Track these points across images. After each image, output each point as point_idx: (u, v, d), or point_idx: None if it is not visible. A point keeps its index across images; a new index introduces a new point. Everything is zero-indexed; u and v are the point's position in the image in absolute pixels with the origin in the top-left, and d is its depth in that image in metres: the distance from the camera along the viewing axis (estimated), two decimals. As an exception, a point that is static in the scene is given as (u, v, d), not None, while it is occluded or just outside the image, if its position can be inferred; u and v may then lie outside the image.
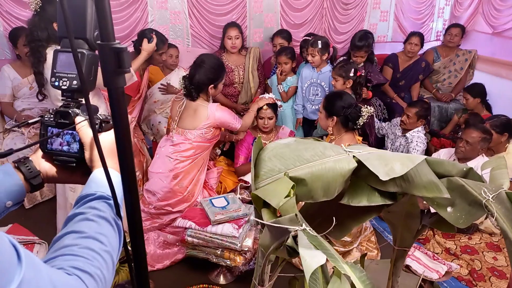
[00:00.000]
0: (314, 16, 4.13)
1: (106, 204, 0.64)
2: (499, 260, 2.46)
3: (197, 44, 3.80)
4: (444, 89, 4.21)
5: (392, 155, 0.96)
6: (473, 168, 0.98)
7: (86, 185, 0.69)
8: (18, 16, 3.02)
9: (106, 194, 0.65)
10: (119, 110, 0.54)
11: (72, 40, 0.50)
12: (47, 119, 0.74)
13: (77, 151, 0.73)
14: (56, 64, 0.71)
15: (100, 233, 0.58)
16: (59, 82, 0.71)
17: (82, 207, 0.63)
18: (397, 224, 1.22)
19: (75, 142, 0.73)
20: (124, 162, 0.59)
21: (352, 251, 2.54)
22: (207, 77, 2.40)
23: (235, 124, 2.54)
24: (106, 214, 0.62)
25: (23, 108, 3.01)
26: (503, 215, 0.86)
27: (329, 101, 2.52)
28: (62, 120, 0.73)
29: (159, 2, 3.51)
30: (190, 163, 2.50)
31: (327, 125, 2.52)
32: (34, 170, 0.72)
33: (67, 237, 0.56)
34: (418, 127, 3.22)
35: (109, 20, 0.48)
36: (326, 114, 2.51)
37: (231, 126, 2.56)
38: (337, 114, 2.46)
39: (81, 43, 0.69)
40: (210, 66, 2.41)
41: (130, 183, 0.60)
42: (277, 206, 0.82)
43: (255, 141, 1.00)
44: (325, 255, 0.68)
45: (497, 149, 2.95)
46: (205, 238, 2.21)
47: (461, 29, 4.12)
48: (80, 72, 0.53)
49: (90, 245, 0.56)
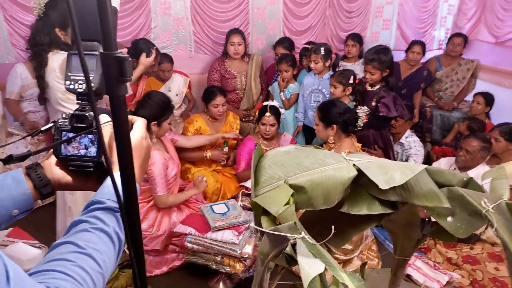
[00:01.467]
0: (316, 23, 4.15)
1: (113, 217, 0.63)
2: (501, 270, 2.44)
3: (200, 50, 3.83)
4: (446, 98, 4.22)
5: (392, 164, 0.96)
6: (473, 178, 0.97)
7: (100, 188, 0.67)
8: (22, 21, 3.05)
9: (115, 206, 0.63)
10: (120, 118, 0.55)
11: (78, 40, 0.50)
12: (61, 124, 0.71)
13: (95, 155, 0.70)
14: (70, 67, 0.69)
15: (98, 251, 0.57)
16: (75, 85, 0.68)
17: (88, 214, 0.62)
18: (397, 233, 1.22)
19: (93, 146, 0.71)
20: (124, 169, 0.59)
21: (353, 259, 2.52)
22: (151, 113, 2.32)
23: (157, 188, 2.33)
24: (110, 229, 0.61)
25: (29, 110, 3.03)
26: (503, 225, 0.85)
27: (324, 112, 2.51)
28: (78, 124, 0.70)
29: (162, 8, 3.54)
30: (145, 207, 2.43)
31: (328, 135, 2.52)
32: (45, 179, 0.70)
33: (65, 247, 0.56)
34: (407, 129, 3.24)
35: (111, 28, 0.49)
36: (324, 125, 2.51)
37: (153, 184, 2.34)
38: (336, 122, 2.47)
39: (96, 45, 0.67)
40: (156, 102, 2.35)
41: (130, 189, 0.61)
42: (276, 213, 0.82)
43: (256, 148, 1.01)
44: (324, 264, 0.68)
45: (504, 156, 2.92)
46: (205, 244, 2.20)
47: (464, 38, 4.13)
48: (86, 74, 0.52)
49: (84, 264, 0.55)
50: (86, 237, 0.58)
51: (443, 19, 4.78)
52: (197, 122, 3.04)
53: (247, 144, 3.12)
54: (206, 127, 3.07)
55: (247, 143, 3.13)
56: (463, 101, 4.24)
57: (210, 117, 3.08)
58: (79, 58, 0.51)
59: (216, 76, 3.55)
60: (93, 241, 0.58)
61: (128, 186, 0.59)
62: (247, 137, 3.23)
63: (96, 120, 0.57)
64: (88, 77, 0.52)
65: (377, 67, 2.85)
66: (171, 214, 2.46)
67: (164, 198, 2.37)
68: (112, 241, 0.61)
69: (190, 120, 3.08)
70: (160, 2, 3.51)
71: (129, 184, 0.59)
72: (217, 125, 3.15)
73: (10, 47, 3.11)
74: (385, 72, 2.87)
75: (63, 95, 2.16)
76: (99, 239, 0.59)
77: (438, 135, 4.03)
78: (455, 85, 4.17)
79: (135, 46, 2.91)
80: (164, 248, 2.44)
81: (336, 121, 2.47)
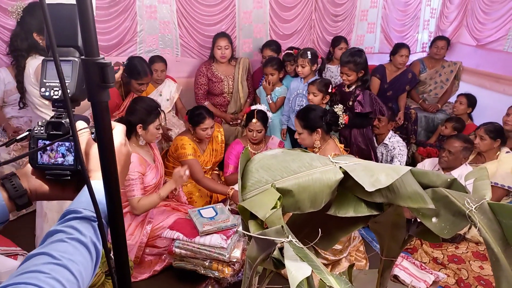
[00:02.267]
0: (303, 27, 4.18)
1: (90, 226, 0.61)
2: (486, 269, 2.49)
3: (187, 54, 3.81)
4: (430, 99, 4.30)
5: (377, 166, 0.97)
6: (457, 179, 0.99)
7: (77, 197, 0.65)
8: (4, 25, 2.99)
9: (93, 216, 0.61)
10: (102, 124, 0.54)
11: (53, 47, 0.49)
12: (37, 132, 0.69)
13: (73, 163, 0.68)
14: (45, 73, 0.67)
15: (74, 262, 0.55)
16: (50, 91, 0.67)
17: (64, 224, 0.60)
18: (384, 234, 1.23)
19: (70, 154, 0.68)
20: (108, 174, 0.58)
21: (342, 261, 2.54)
22: (137, 117, 2.35)
23: (133, 189, 2.29)
24: (87, 239, 0.59)
25: (12, 116, 2.97)
26: (486, 225, 0.87)
27: (305, 119, 2.55)
28: (55, 132, 0.68)
29: (148, 12, 3.52)
30: None
31: (314, 140, 2.56)
32: (20, 189, 0.67)
33: (39, 258, 0.54)
34: (390, 129, 3.34)
35: (93, 34, 0.48)
36: (308, 132, 2.55)
37: (128, 186, 2.29)
38: (320, 126, 2.52)
39: (72, 51, 0.66)
40: (142, 106, 2.38)
41: (114, 195, 0.60)
42: (263, 217, 0.82)
43: (242, 152, 1.01)
44: (311, 267, 0.69)
45: (488, 155, 2.98)
46: (193, 249, 2.19)
47: (447, 41, 4.23)
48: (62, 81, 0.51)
49: (59, 275, 0.52)
50: (61, 248, 0.56)
51: (426, 22, 4.88)
52: (190, 145, 2.87)
53: (235, 148, 3.12)
54: (196, 147, 2.94)
55: (235, 147, 3.13)
56: (446, 103, 4.33)
57: (196, 138, 2.94)
58: (55, 65, 0.50)
59: (203, 80, 3.54)
60: (68, 251, 0.56)
61: (112, 193, 0.59)
62: (235, 141, 3.23)
63: (72, 127, 0.56)
64: (64, 83, 0.51)
65: (353, 69, 2.95)
66: (145, 225, 2.40)
67: (135, 202, 2.30)
68: (89, 252, 0.59)
69: (182, 145, 2.86)
70: (145, 5, 3.49)
71: (112, 191, 0.58)
72: (203, 145, 3.04)
73: (-7, 51, 3.05)
74: (360, 73, 2.98)
75: (39, 100, 2.16)
76: (75, 249, 0.57)
77: (423, 137, 4.10)
78: (439, 87, 4.26)
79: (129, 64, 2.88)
80: (139, 258, 2.39)
81: (320, 125, 2.52)
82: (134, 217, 2.40)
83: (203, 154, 3.04)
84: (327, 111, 2.61)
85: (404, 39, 4.67)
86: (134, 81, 2.86)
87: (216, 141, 3.14)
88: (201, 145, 3.03)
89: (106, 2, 3.29)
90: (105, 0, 3.28)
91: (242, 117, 3.65)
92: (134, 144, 2.39)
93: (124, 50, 3.53)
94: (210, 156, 3.09)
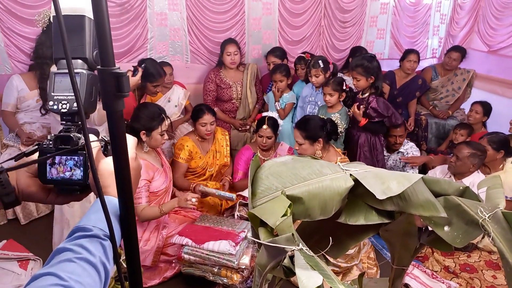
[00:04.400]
0: (312, 33, 4.19)
1: (99, 245, 0.59)
2: (499, 278, 2.44)
3: (196, 60, 3.84)
4: (441, 106, 4.25)
5: (388, 174, 0.97)
6: (469, 187, 0.98)
7: (86, 213, 0.64)
8: (19, 33, 3.05)
9: (103, 234, 0.60)
10: (117, 133, 0.55)
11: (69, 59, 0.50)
12: (46, 146, 0.68)
13: (81, 178, 0.67)
14: (53, 86, 0.67)
15: (81, 283, 0.53)
16: (58, 105, 0.66)
17: (73, 242, 0.58)
18: (395, 242, 1.22)
19: (78, 168, 0.67)
20: (122, 185, 0.59)
21: (353, 269, 2.52)
22: (141, 124, 2.37)
23: (138, 198, 2.29)
24: (96, 259, 0.57)
25: (25, 122, 3.02)
26: (500, 234, 0.86)
27: (307, 129, 2.56)
28: (63, 146, 0.66)
29: (159, 19, 3.56)
30: None
31: (315, 150, 2.58)
32: (8, 186, 0.65)
33: (46, 279, 0.52)
34: (404, 137, 3.33)
35: (109, 44, 0.49)
36: (309, 142, 2.56)
37: None
38: (320, 135, 2.55)
39: (80, 63, 0.66)
40: (145, 113, 2.39)
41: (128, 205, 0.60)
42: (273, 225, 0.82)
43: (253, 159, 1.01)
44: (322, 276, 0.68)
45: (493, 165, 2.93)
46: (201, 255, 2.19)
47: (461, 54, 4.12)
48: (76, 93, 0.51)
49: None
50: (69, 268, 0.54)
51: (436, 28, 4.85)
52: (187, 146, 2.92)
53: (245, 153, 3.13)
54: (197, 149, 2.98)
55: (245, 152, 3.14)
56: (458, 109, 4.28)
57: (198, 137, 2.98)
58: (70, 77, 0.50)
59: (212, 86, 3.57)
60: (76, 272, 0.53)
61: (127, 205, 0.59)
62: (245, 146, 3.24)
63: (86, 141, 0.55)
64: (78, 95, 0.51)
65: (361, 73, 2.91)
66: (160, 230, 2.42)
67: (138, 210, 2.30)
68: (98, 272, 0.56)
69: (180, 146, 2.94)
70: (156, 13, 3.53)
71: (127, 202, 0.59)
72: (206, 146, 3.07)
73: (6, 58, 3.10)
74: (370, 79, 2.91)
75: None
76: (84, 270, 0.54)
77: (433, 143, 4.05)
78: (451, 95, 4.21)
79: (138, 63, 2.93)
80: (153, 263, 2.41)
81: (321, 135, 2.55)
82: (148, 223, 2.40)
83: (206, 155, 3.05)
84: (326, 121, 2.64)
85: (414, 45, 4.65)
86: (149, 84, 2.91)
87: (219, 143, 3.16)
88: (203, 145, 3.05)
89: (117, 10, 3.34)
90: (117, 8, 3.33)
91: (251, 122, 3.66)
92: (138, 150, 2.40)
93: (134, 57, 3.57)
94: (214, 158, 3.10)
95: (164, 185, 2.46)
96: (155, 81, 2.92)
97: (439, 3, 4.71)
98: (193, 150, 2.96)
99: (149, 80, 2.90)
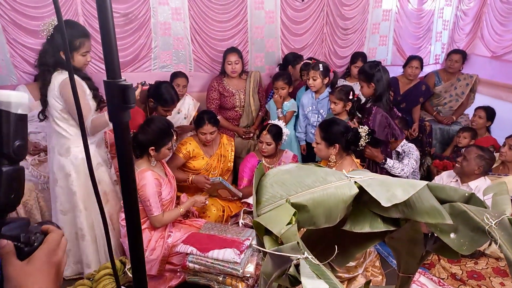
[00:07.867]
0: (314, 40, 4.21)
1: None
2: (507, 285, 2.41)
3: (199, 69, 3.87)
4: (444, 112, 4.24)
5: (393, 181, 0.96)
6: (475, 193, 0.97)
7: None
8: (24, 44, 3.10)
9: None
10: (123, 143, 0.55)
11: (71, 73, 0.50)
12: None
13: None
14: None
15: None
16: None
17: None
18: (400, 250, 1.21)
19: None
20: (127, 194, 0.59)
21: (358, 277, 2.49)
22: (148, 139, 2.35)
23: (153, 208, 2.31)
24: None
25: (30, 131, 3.05)
26: (507, 241, 0.85)
27: (327, 131, 2.47)
28: None
29: (162, 29, 3.60)
30: None
31: (329, 154, 2.49)
32: None
33: None
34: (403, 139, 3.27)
35: (115, 57, 0.50)
36: (326, 144, 2.47)
37: (147, 206, 2.30)
38: (338, 141, 2.45)
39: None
40: (154, 129, 2.37)
41: (134, 212, 0.60)
42: (278, 233, 0.82)
43: (257, 167, 1.01)
44: (328, 285, 0.68)
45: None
46: (206, 264, 2.18)
47: (462, 55, 4.15)
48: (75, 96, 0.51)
49: None
50: None
51: (439, 34, 4.86)
52: (190, 145, 3.00)
53: (249, 161, 3.13)
54: (200, 150, 3.04)
55: (250, 160, 3.14)
56: (462, 115, 4.26)
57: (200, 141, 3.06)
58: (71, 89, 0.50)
59: (215, 94, 3.58)
60: None
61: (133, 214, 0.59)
62: (250, 154, 3.25)
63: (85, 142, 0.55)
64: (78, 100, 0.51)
65: (363, 80, 2.88)
66: (165, 238, 2.42)
67: (160, 218, 2.35)
68: None
69: (184, 141, 3.05)
70: (160, 22, 3.57)
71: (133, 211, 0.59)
72: (210, 149, 3.12)
73: (12, 69, 3.15)
74: (371, 86, 2.86)
75: (59, 114, 2.27)
76: None
77: (438, 149, 4.03)
78: (454, 100, 4.20)
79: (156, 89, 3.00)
80: (159, 272, 2.40)
81: (339, 141, 2.45)
82: (152, 233, 2.41)
83: (211, 158, 3.09)
84: (350, 129, 2.52)
85: (418, 51, 4.66)
86: (160, 107, 3.01)
87: (225, 148, 3.19)
88: (207, 149, 3.10)
89: (121, 20, 3.38)
90: (121, 18, 3.37)
91: (254, 130, 3.66)
92: (145, 164, 2.40)
93: (139, 66, 3.61)
94: (218, 161, 3.14)
95: (170, 195, 2.47)
96: (166, 106, 3.02)
97: (441, 10, 4.73)
98: (196, 150, 3.03)
99: (161, 104, 3.00)
